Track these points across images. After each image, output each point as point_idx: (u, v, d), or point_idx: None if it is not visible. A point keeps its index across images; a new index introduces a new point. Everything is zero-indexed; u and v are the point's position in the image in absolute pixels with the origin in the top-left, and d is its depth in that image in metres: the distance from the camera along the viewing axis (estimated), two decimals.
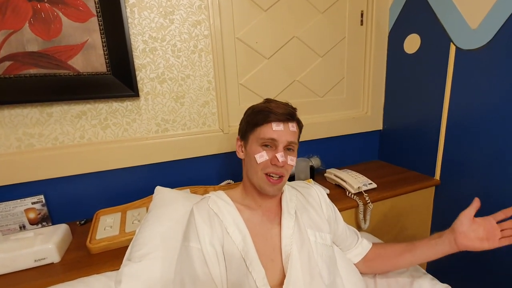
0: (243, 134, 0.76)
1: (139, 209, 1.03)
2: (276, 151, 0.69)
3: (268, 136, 0.69)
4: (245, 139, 0.75)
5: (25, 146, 0.97)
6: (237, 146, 0.78)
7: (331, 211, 0.82)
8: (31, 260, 0.79)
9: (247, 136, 0.74)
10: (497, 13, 0.98)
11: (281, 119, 0.70)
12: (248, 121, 0.74)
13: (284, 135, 0.69)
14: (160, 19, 1.04)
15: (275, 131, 0.69)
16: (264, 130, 0.69)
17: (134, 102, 1.07)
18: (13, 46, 0.89)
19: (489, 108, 1.06)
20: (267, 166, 0.69)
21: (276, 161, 0.68)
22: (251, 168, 0.71)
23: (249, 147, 0.72)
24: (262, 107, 0.72)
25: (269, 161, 0.69)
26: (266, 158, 0.69)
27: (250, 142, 0.72)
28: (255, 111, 0.73)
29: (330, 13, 1.33)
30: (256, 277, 0.62)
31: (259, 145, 0.70)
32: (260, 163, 0.69)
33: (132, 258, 0.76)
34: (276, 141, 0.69)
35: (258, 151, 0.69)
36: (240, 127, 0.78)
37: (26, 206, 0.97)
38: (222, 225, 0.68)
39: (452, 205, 1.25)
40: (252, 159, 0.70)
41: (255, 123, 0.71)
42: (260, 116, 0.70)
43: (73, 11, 0.92)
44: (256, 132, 0.71)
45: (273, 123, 0.69)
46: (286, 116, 0.70)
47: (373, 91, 1.49)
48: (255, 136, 0.71)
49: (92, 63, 0.98)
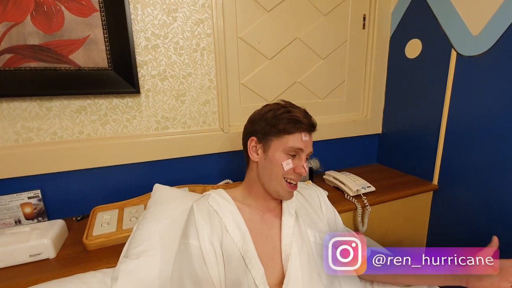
0: (262, 136, 0.72)
1: (136, 206, 1.02)
2: (300, 159, 0.71)
3: (297, 146, 0.69)
4: (265, 142, 0.72)
5: (23, 140, 0.96)
6: (251, 146, 0.74)
7: (331, 213, 0.82)
8: (26, 255, 0.78)
9: (268, 140, 0.71)
10: (498, 20, 0.99)
11: (308, 130, 0.71)
12: (272, 125, 0.70)
13: (309, 146, 0.72)
14: (163, 16, 1.04)
15: (303, 142, 0.70)
16: (293, 139, 0.69)
17: (135, 99, 1.07)
18: (14, 39, 0.88)
19: (488, 114, 1.07)
20: (290, 173, 0.70)
21: (301, 170, 0.70)
22: (271, 173, 0.70)
23: (272, 153, 0.70)
24: (289, 114, 0.70)
25: (293, 170, 0.70)
26: (292, 166, 0.70)
27: (273, 147, 0.70)
28: (281, 116, 0.70)
29: (333, 16, 1.34)
30: (255, 275, 0.62)
31: (285, 153, 0.69)
32: (286, 170, 0.69)
33: (130, 255, 0.75)
34: (302, 151, 0.70)
35: (283, 159, 0.69)
36: (258, 128, 0.73)
37: (22, 200, 0.96)
38: (222, 223, 0.67)
39: (450, 210, 1.25)
40: (275, 165, 0.69)
41: (282, 129, 0.69)
42: (290, 124, 0.69)
43: (75, 6, 0.92)
44: (283, 140, 0.69)
45: (302, 133, 0.70)
46: (313, 127, 0.72)
47: (373, 95, 1.50)
48: (281, 142, 0.69)
49: (94, 58, 0.97)
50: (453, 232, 1.24)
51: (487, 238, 1.12)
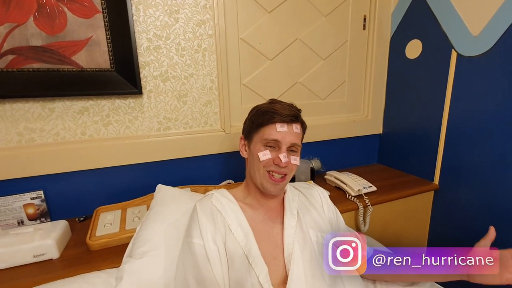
0: (247, 133, 0.77)
1: (139, 206, 1.03)
2: (279, 152, 0.70)
3: (272, 137, 0.70)
4: (249, 139, 0.76)
5: (26, 141, 0.96)
6: (241, 145, 0.79)
7: (333, 213, 0.83)
8: (30, 256, 0.79)
9: (251, 136, 0.75)
10: (499, 20, 0.99)
11: (285, 120, 0.70)
12: (253, 121, 0.75)
13: (287, 137, 0.70)
14: (165, 17, 1.04)
15: (279, 132, 0.70)
16: (268, 131, 0.70)
17: (137, 100, 1.07)
18: (16, 40, 0.88)
19: (489, 114, 1.08)
20: (270, 164, 0.70)
21: (278, 161, 0.69)
22: (254, 166, 0.72)
23: (253, 147, 0.73)
24: (267, 107, 0.73)
25: (272, 161, 0.70)
26: (269, 156, 0.70)
27: (254, 141, 0.73)
28: (260, 111, 0.74)
29: (333, 17, 1.34)
30: (259, 274, 0.63)
31: (263, 145, 0.71)
32: (263, 161, 0.70)
33: (134, 255, 0.75)
34: (279, 142, 0.70)
35: (261, 150, 0.70)
36: (245, 127, 0.79)
37: (25, 201, 0.96)
38: (225, 222, 0.68)
39: (451, 209, 1.26)
40: (255, 158, 0.71)
41: (259, 123, 0.72)
42: (265, 116, 0.71)
43: (78, 7, 0.92)
44: (260, 132, 0.72)
45: (277, 124, 0.70)
46: (291, 117, 0.71)
47: (374, 95, 1.50)
48: (259, 136, 0.72)
49: (96, 59, 0.97)
50: (454, 231, 1.25)
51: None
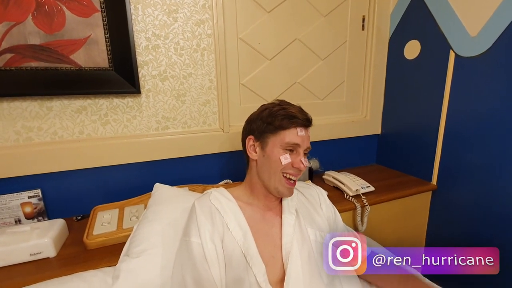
0: (258, 134, 0.74)
1: (137, 205, 1.03)
2: (297, 155, 0.71)
3: (294, 141, 0.70)
4: (261, 140, 0.74)
5: (24, 139, 0.96)
6: (249, 145, 0.76)
7: (331, 212, 0.83)
8: (26, 254, 0.78)
9: (265, 137, 0.73)
10: (496, 21, 1.00)
11: (304, 125, 0.72)
12: (269, 123, 0.72)
13: (306, 141, 0.73)
14: (163, 16, 1.04)
15: (300, 137, 0.71)
16: (289, 135, 0.71)
17: (135, 99, 1.07)
18: (14, 39, 0.88)
19: (487, 115, 1.08)
20: (288, 168, 0.71)
21: (299, 164, 0.70)
22: (270, 169, 0.71)
23: (270, 149, 0.72)
24: (284, 111, 0.72)
25: (291, 164, 0.71)
26: (289, 160, 0.70)
27: (270, 144, 0.72)
28: (276, 113, 0.72)
29: (332, 17, 1.34)
30: (256, 273, 0.63)
31: (282, 149, 0.71)
32: (284, 165, 0.70)
33: (130, 253, 0.75)
34: (299, 146, 0.71)
35: (281, 154, 0.70)
36: (255, 127, 0.75)
37: (23, 200, 0.96)
38: (223, 221, 0.68)
39: (448, 210, 1.26)
40: (273, 161, 0.71)
41: (278, 126, 0.71)
42: (285, 120, 0.71)
43: (77, 6, 0.92)
44: (280, 136, 0.71)
45: (298, 128, 0.71)
46: (308, 122, 0.74)
47: (373, 96, 1.51)
48: (278, 139, 0.71)
49: (94, 58, 0.97)
50: (452, 231, 1.25)
51: (486, 238, 1.13)
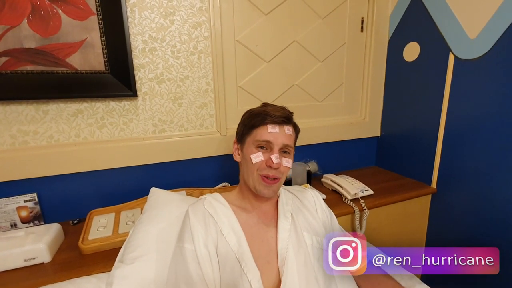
0: (240, 137, 0.77)
1: (133, 210, 1.02)
2: (271, 153, 0.70)
3: (264, 138, 0.70)
4: (241, 142, 0.76)
5: (19, 143, 0.96)
6: (234, 149, 0.79)
7: (326, 216, 0.82)
8: (21, 260, 0.78)
9: (243, 139, 0.75)
10: (496, 23, 0.99)
11: (277, 122, 0.71)
12: (245, 124, 0.75)
13: (279, 138, 0.70)
14: (160, 19, 1.04)
15: (271, 133, 0.70)
16: (260, 132, 0.71)
17: (132, 102, 1.07)
18: (10, 42, 0.88)
19: (486, 117, 1.07)
20: (263, 167, 0.70)
21: (270, 162, 0.69)
22: (247, 169, 0.72)
23: (245, 149, 0.73)
24: (259, 110, 0.74)
25: (264, 163, 0.70)
26: (261, 158, 0.70)
27: (246, 144, 0.74)
28: (252, 114, 0.74)
29: (331, 19, 1.34)
30: (251, 279, 0.62)
31: (255, 147, 0.71)
32: (256, 163, 0.70)
33: (125, 260, 0.75)
34: (271, 143, 0.70)
35: (254, 152, 0.70)
36: (238, 131, 0.79)
37: (18, 204, 0.96)
38: (217, 226, 0.67)
39: (448, 213, 1.25)
40: (248, 160, 0.71)
41: (251, 125, 0.73)
42: (257, 118, 0.72)
43: (72, 9, 0.92)
44: (253, 134, 0.72)
45: (269, 125, 0.71)
46: (282, 118, 0.72)
47: (372, 98, 1.50)
48: (251, 138, 0.73)
49: (90, 61, 0.97)
50: (452, 235, 1.24)
51: (486, 241, 1.12)
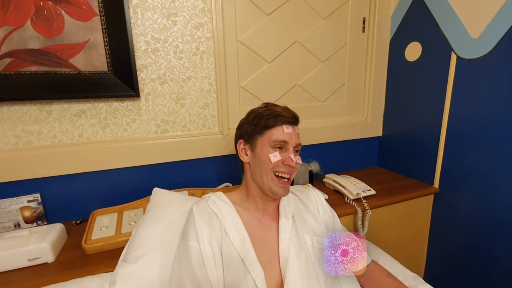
0: (248, 137, 0.76)
1: (136, 210, 1.02)
2: (288, 152, 0.71)
3: (281, 138, 0.71)
4: (251, 142, 0.75)
5: (23, 143, 0.96)
6: (240, 149, 0.78)
7: (328, 216, 0.82)
8: (24, 259, 0.78)
9: (254, 139, 0.74)
10: (498, 23, 0.99)
11: (290, 122, 0.73)
12: (255, 124, 0.74)
13: (293, 138, 0.73)
14: (163, 20, 1.04)
15: (286, 134, 0.71)
16: (276, 133, 0.71)
17: (135, 102, 1.07)
18: (14, 43, 0.88)
19: (489, 117, 1.07)
20: (279, 166, 0.71)
21: (290, 161, 0.70)
22: (261, 169, 0.72)
23: (259, 150, 0.73)
24: (269, 111, 0.74)
25: (281, 162, 0.70)
26: (279, 158, 0.70)
27: (259, 144, 0.73)
28: (262, 115, 0.74)
29: (332, 19, 1.34)
30: (255, 277, 0.62)
31: (271, 147, 0.71)
32: (274, 162, 0.70)
33: (128, 259, 0.75)
34: (287, 143, 0.71)
35: (270, 152, 0.71)
36: (243, 131, 0.78)
37: (22, 204, 0.96)
38: (221, 225, 0.68)
39: (451, 213, 1.24)
40: (263, 161, 0.71)
41: (264, 126, 0.73)
42: (270, 119, 0.72)
43: (76, 10, 0.92)
44: (267, 135, 0.72)
45: (284, 125, 0.72)
46: (294, 119, 0.74)
47: (374, 98, 1.50)
48: (265, 138, 0.72)
49: (94, 62, 0.97)
50: (454, 235, 1.23)
51: (488, 241, 1.12)
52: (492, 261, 1.10)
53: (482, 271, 1.14)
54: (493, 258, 1.10)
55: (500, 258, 1.08)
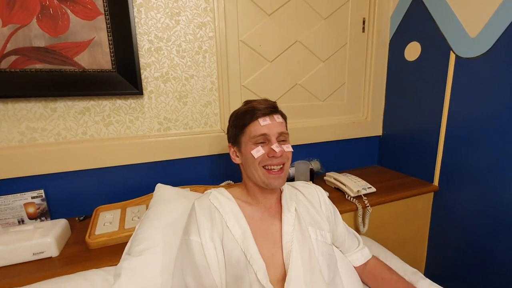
0: (233, 139, 0.78)
1: (138, 206, 1.03)
2: (270, 144, 0.71)
3: (259, 132, 0.71)
4: (237, 143, 0.77)
5: (28, 140, 0.97)
6: (231, 152, 0.80)
7: (330, 212, 0.83)
8: (29, 253, 0.79)
9: (238, 140, 0.76)
10: (496, 22, 1.00)
11: (266, 113, 0.72)
12: (236, 125, 0.76)
13: (273, 128, 0.72)
14: (166, 19, 1.06)
15: (264, 126, 0.71)
16: (253, 128, 0.72)
17: (138, 100, 1.08)
18: (20, 41, 0.90)
19: (488, 115, 1.08)
20: (265, 159, 0.71)
21: (273, 152, 0.70)
22: (251, 167, 0.72)
23: (244, 149, 0.74)
24: (244, 108, 0.75)
25: (266, 155, 0.70)
26: (262, 152, 0.71)
27: (243, 144, 0.74)
28: (239, 113, 0.75)
29: (333, 20, 1.36)
30: (257, 270, 0.63)
31: (253, 143, 0.72)
32: (258, 157, 0.70)
33: (132, 252, 0.76)
34: (267, 135, 0.71)
35: (252, 149, 0.71)
36: (229, 134, 0.80)
37: (26, 200, 0.97)
38: (223, 219, 0.68)
39: (451, 211, 1.25)
40: (249, 159, 0.72)
41: (242, 124, 0.73)
42: (246, 116, 0.73)
43: (81, 9, 0.94)
44: (247, 133, 0.73)
45: (260, 119, 0.71)
46: (270, 109, 0.73)
47: (373, 97, 1.51)
48: (246, 136, 0.73)
49: (98, 60, 0.99)
50: (454, 232, 1.24)
51: (488, 239, 1.12)
52: (492, 259, 1.11)
53: (482, 268, 1.15)
54: (493, 255, 1.11)
55: (499, 255, 1.09)
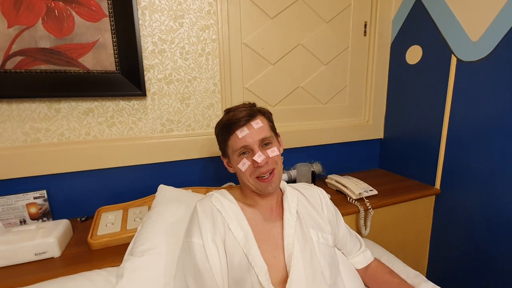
0: (222, 152, 0.79)
1: (140, 207, 1.03)
2: (253, 154, 0.70)
3: (239, 145, 0.70)
4: (226, 156, 0.78)
5: (31, 140, 0.98)
6: (225, 163, 0.81)
7: (332, 214, 0.83)
8: (31, 254, 0.79)
9: (226, 152, 0.76)
10: (497, 26, 1.01)
11: (242, 124, 0.70)
12: (220, 140, 0.77)
13: (251, 137, 0.70)
14: (170, 22, 1.07)
15: (242, 138, 0.70)
16: (233, 142, 0.71)
17: (141, 102, 1.09)
18: (25, 42, 0.91)
19: (489, 118, 1.08)
20: (253, 170, 0.71)
21: (257, 164, 0.69)
22: (242, 177, 0.73)
23: (232, 161, 0.75)
24: (223, 122, 0.74)
25: (252, 166, 0.70)
26: (248, 163, 0.71)
27: (231, 156, 0.75)
28: (220, 127, 0.75)
29: (335, 23, 1.37)
30: (258, 272, 0.63)
31: (237, 156, 0.72)
32: (245, 170, 0.71)
33: (135, 253, 0.76)
34: (248, 146, 0.70)
35: (239, 161, 0.71)
36: (220, 147, 0.80)
37: (28, 200, 0.97)
38: (225, 221, 0.68)
39: (452, 214, 1.25)
40: (238, 170, 0.73)
41: (224, 139, 0.74)
42: (225, 130, 0.73)
43: (86, 11, 0.95)
44: (229, 146, 0.73)
45: (237, 131, 0.70)
46: (245, 118, 0.70)
47: (375, 100, 1.52)
48: (230, 150, 0.74)
49: (102, 61, 1.00)
50: (456, 235, 1.24)
51: (489, 242, 1.12)
52: (494, 261, 1.11)
53: (484, 271, 1.14)
54: (495, 258, 1.10)
55: (501, 258, 1.08)
